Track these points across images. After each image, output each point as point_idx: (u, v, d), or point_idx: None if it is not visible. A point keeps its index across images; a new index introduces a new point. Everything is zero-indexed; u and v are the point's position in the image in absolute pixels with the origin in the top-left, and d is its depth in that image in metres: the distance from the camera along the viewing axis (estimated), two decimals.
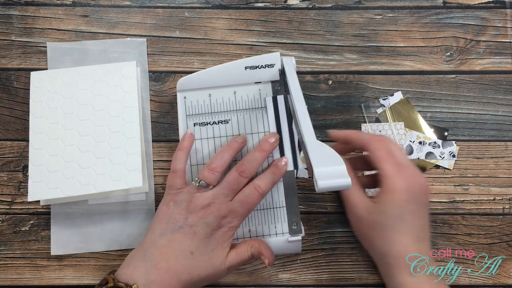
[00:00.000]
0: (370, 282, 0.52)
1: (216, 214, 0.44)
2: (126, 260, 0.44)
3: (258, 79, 0.51)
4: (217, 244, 0.44)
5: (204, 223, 0.44)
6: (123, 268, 0.43)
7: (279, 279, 0.52)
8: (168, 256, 0.43)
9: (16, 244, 0.53)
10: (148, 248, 0.44)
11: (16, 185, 0.54)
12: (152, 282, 0.42)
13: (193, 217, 0.44)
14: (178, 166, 0.47)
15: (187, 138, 0.49)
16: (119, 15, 0.56)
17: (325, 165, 0.40)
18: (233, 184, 0.46)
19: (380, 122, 0.55)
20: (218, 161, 0.47)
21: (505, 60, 0.56)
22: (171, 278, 0.42)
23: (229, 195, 0.45)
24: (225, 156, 0.47)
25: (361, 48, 0.56)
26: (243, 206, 0.45)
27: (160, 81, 0.55)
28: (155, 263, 0.43)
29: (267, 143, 0.48)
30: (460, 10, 0.57)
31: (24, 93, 0.55)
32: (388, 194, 0.43)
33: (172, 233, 0.44)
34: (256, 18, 0.56)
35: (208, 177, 0.46)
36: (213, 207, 0.44)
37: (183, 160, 0.48)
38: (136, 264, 0.43)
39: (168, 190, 0.47)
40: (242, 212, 0.45)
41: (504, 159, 0.54)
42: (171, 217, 0.45)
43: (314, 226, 0.53)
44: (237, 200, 0.45)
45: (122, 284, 0.41)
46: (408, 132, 0.54)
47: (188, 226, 0.44)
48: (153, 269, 0.42)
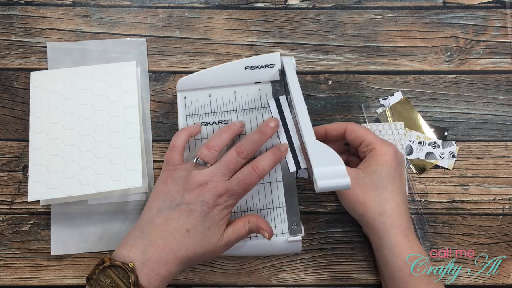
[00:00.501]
0: (370, 282, 0.52)
1: (213, 192, 0.44)
2: (123, 240, 0.45)
3: (258, 79, 0.51)
4: (213, 222, 0.44)
5: (201, 201, 0.44)
6: (120, 248, 0.44)
7: (279, 279, 0.52)
8: (165, 233, 0.43)
9: (16, 244, 0.53)
10: (145, 226, 0.44)
11: (16, 185, 0.54)
12: (149, 260, 0.42)
13: (190, 195, 0.44)
14: (177, 142, 0.48)
15: (194, 125, 0.50)
16: (119, 15, 0.56)
17: (324, 165, 0.40)
18: (231, 164, 0.45)
19: (380, 122, 0.55)
20: (216, 140, 0.47)
21: (505, 60, 0.56)
22: (167, 255, 0.43)
23: (226, 174, 0.45)
24: (224, 136, 0.48)
25: (361, 48, 0.56)
26: (240, 185, 0.45)
27: (160, 81, 0.55)
28: (152, 241, 0.43)
29: (267, 127, 0.48)
30: (460, 10, 0.57)
31: (24, 93, 0.55)
32: (378, 157, 0.47)
33: (169, 210, 0.44)
34: (256, 18, 0.56)
35: (207, 155, 0.46)
36: (209, 185, 0.44)
37: (183, 138, 0.48)
38: (133, 243, 0.43)
39: (165, 166, 0.47)
40: (239, 191, 0.45)
41: (504, 159, 0.54)
42: (167, 195, 0.45)
43: (314, 226, 0.53)
44: (234, 179, 0.45)
45: (118, 262, 0.41)
46: (408, 132, 0.54)
47: (185, 203, 0.44)
48: (150, 247, 0.43)
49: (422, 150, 0.54)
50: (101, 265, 0.42)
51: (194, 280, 0.53)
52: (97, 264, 0.42)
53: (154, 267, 0.42)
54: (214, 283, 0.53)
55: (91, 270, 0.43)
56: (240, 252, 0.49)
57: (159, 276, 0.42)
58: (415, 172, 0.54)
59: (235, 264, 0.53)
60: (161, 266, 0.42)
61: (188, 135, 0.49)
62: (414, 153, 0.54)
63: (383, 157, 0.47)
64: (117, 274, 0.41)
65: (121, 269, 0.41)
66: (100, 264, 0.42)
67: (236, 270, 0.53)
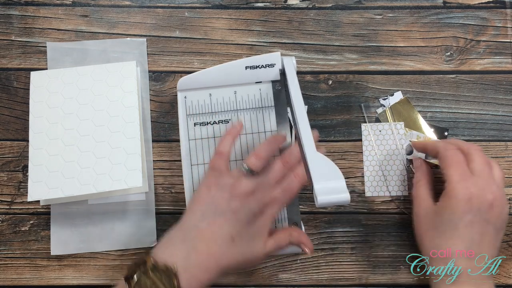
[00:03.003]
0: (370, 282, 0.52)
1: (260, 201, 0.44)
2: (163, 240, 0.43)
3: (259, 79, 0.51)
4: (257, 231, 0.44)
5: (247, 209, 0.44)
6: (161, 249, 0.42)
7: (279, 279, 0.52)
8: (209, 239, 0.42)
9: (16, 244, 0.53)
10: (189, 230, 0.43)
11: (16, 185, 0.54)
12: (191, 265, 0.41)
13: (236, 203, 0.44)
14: (224, 149, 0.47)
15: (237, 125, 0.50)
16: (119, 15, 0.56)
17: (325, 180, 0.40)
18: (277, 173, 0.46)
19: (380, 122, 0.55)
20: (265, 150, 0.47)
21: (505, 60, 0.56)
22: (210, 262, 0.42)
23: (272, 183, 0.46)
24: (272, 145, 0.48)
25: (361, 48, 0.56)
26: (286, 194, 0.45)
27: (160, 81, 0.55)
28: (195, 246, 0.42)
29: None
30: (460, 10, 0.57)
31: (24, 93, 0.55)
32: (447, 199, 0.44)
33: (214, 216, 0.43)
34: (256, 18, 0.56)
35: (255, 163, 0.46)
36: (257, 194, 0.44)
37: (229, 144, 0.48)
38: (175, 246, 0.42)
39: (211, 171, 0.46)
40: (284, 200, 0.46)
41: (504, 159, 0.54)
42: (213, 200, 0.44)
43: (314, 226, 0.53)
44: (280, 187, 0.46)
45: (162, 265, 0.40)
46: (408, 132, 0.54)
47: (231, 211, 0.43)
48: (193, 252, 0.42)
49: None
50: (142, 264, 0.40)
51: None
52: (137, 264, 0.41)
53: (196, 273, 0.41)
54: (214, 283, 0.52)
55: (129, 268, 0.41)
56: None
57: (200, 283, 0.41)
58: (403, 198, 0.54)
59: None
60: (203, 273, 0.41)
61: (233, 139, 0.48)
62: (414, 153, 0.54)
63: (449, 201, 0.44)
64: (159, 277, 0.40)
65: (164, 272, 0.40)
66: (140, 263, 0.41)
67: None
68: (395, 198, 0.53)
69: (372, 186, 0.54)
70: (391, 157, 0.54)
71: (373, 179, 0.54)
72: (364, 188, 0.54)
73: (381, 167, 0.54)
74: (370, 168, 0.54)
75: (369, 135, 0.54)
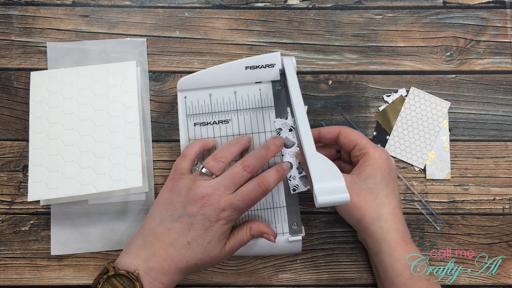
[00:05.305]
0: (370, 282, 0.52)
1: (215, 206, 0.44)
2: (125, 248, 0.45)
3: (259, 79, 0.51)
4: (214, 237, 0.44)
5: (202, 214, 0.43)
6: (123, 257, 0.44)
7: (279, 279, 0.52)
8: (166, 244, 0.43)
9: (16, 244, 0.53)
10: (147, 235, 0.44)
11: (16, 185, 0.54)
12: (152, 269, 0.43)
13: (192, 207, 0.44)
14: (190, 152, 0.47)
15: (210, 139, 0.50)
16: (119, 15, 0.56)
17: (324, 180, 0.40)
18: (236, 177, 0.45)
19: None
20: (225, 152, 0.47)
21: (505, 60, 0.56)
22: (169, 265, 0.43)
23: (230, 187, 0.44)
24: (233, 149, 0.47)
25: (361, 48, 0.56)
26: (244, 200, 0.44)
27: (160, 81, 0.55)
28: (154, 250, 0.43)
29: (273, 144, 0.48)
30: (460, 10, 0.57)
31: (24, 93, 0.55)
32: (372, 161, 0.46)
33: (171, 221, 0.44)
34: (256, 18, 0.56)
35: (213, 166, 0.45)
36: (212, 198, 0.44)
37: (196, 149, 0.48)
38: (136, 252, 0.44)
39: (172, 173, 0.47)
40: (242, 206, 0.44)
41: (504, 159, 0.54)
42: (170, 205, 0.45)
43: (314, 226, 0.53)
44: (239, 193, 0.44)
45: (123, 271, 0.42)
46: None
47: (187, 216, 0.44)
48: (152, 256, 0.43)
49: None
50: (105, 274, 0.42)
51: (194, 280, 0.53)
52: (101, 273, 0.42)
53: (157, 276, 0.42)
54: (214, 283, 0.53)
55: (95, 279, 0.43)
56: (240, 252, 0.49)
57: (162, 285, 0.43)
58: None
59: (235, 264, 0.53)
60: (164, 276, 0.43)
61: (202, 147, 0.48)
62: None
63: (376, 161, 0.46)
64: (122, 283, 0.42)
65: (126, 278, 0.42)
66: (104, 273, 0.42)
67: (236, 270, 0.53)
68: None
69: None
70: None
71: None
72: None
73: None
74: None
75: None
